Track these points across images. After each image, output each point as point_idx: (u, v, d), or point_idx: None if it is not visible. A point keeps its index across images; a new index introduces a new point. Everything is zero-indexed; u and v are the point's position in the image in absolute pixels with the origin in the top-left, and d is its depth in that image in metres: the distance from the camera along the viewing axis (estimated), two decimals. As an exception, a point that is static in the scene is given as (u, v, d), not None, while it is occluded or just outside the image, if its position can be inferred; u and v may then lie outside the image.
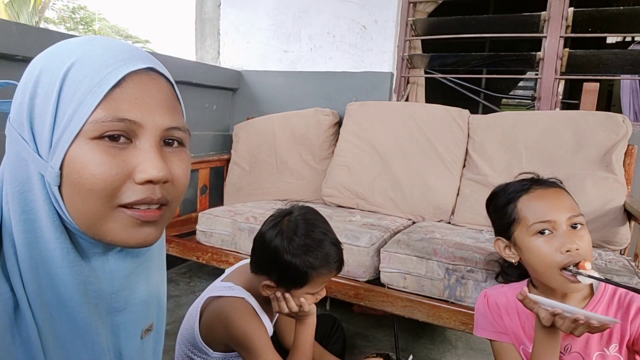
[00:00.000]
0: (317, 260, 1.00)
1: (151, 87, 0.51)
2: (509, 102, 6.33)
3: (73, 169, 0.47)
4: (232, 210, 1.88)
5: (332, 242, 1.04)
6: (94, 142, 0.47)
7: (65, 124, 0.47)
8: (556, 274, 0.91)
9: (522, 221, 0.97)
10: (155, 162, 0.49)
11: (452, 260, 1.43)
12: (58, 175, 0.47)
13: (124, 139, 0.48)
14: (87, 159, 0.46)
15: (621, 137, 1.70)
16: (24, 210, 0.48)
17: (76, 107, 0.47)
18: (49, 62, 0.49)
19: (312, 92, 2.56)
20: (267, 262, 1.03)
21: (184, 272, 2.48)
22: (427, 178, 1.97)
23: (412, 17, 2.39)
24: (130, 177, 0.48)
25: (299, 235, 1.01)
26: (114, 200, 0.48)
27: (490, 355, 1.07)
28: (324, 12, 2.52)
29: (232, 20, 2.82)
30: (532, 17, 2.15)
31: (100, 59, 0.48)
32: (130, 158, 0.48)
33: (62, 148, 0.47)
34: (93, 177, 0.46)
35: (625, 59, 2.14)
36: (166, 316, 0.73)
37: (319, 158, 2.29)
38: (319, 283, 1.04)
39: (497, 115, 2.04)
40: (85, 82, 0.47)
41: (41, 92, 0.48)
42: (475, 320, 1.09)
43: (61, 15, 13.27)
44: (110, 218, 0.49)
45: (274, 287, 1.04)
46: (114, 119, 0.47)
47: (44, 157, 0.48)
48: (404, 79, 2.46)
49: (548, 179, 1.02)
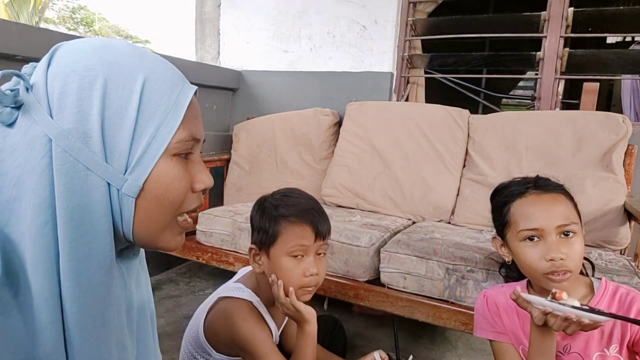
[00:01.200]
0: (286, 210, 1.04)
1: (197, 104, 0.56)
2: (509, 102, 6.33)
3: (160, 183, 0.51)
4: (232, 210, 1.88)
5: (300, 194, 1.10)
6: (175, 158, 0.52)
7: (148, 140, 0.49)
8: (541, 278, 0.93)
9: (513, 226, 0.98)
10: (208, 172, 0.57)
11: (452, 260, 1.43)
12: (140, 189, 0.50)
13: (188, 154, 0.54)
14: (172, 174, 0.51)
15: (621, 137, 1.70)
16: (80, 223, 0.47)
17: (158, 125, 0.50)
18: (114, 74, 0.49)
19: (312, 92, 2.56)
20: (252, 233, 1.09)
21: (184, 272, 2.48)
22: (427, 178, 1.97)
23: (412, 17, 2.39)
24: (190, 187, 0.55)
25: (273, 196, 1.10)
26: (180, 209, 0.54)
27: (491, 355, 1.07)
28: (324, 12, 2.52)
29: (232, 20, 2.82)
30: (532, 17, 2.15)
31: (167, 77, 0.52)
32: (189, 170, 0.54)
33: (147, 165, 0.49)
34: (177, 190, 0.52)
35: (626, 59, 2.14)
36: (165, 315, 0.73)
37: (319, 158, 2.29)
38: (294, 237, 1.01)
39: (497, 115, 2.04)
40: (164, 101, 0.50)
41: (112, 105, 0.48)
42: (475, 321, 1.09)
43: (61, 15, 13.27)
44: (169, 227, 0.55)
45: (257, 253, 1.08)
46: (190, 139, 0.53)
47: (118, 169, 0.49)
48: (404, 79, 2.46)
49: (549, 183, 1.01)
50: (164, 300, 2.09)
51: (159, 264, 2.39)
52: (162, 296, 2.14)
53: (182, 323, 1.78)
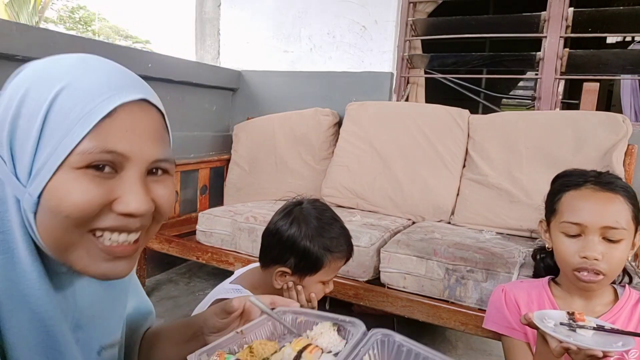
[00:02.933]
0: (331, 243, 1.05)
1: (142, 119, 0.49)
2: (509, 102, 6.33)
3: (53, 196, 0.45)
4: (232, 210, 1.88)
5: (342, 227, 1.12)
6: (79, 171, 0.46)
7: (50, 152, 0.45)
8: (570, 274, 0.92)
9: (558, 215, 0.97)
10: (139, 196, 0.48)
11: (452, 260, 1.43)
12: (35, 203, 0.46)
13: (109, 168, 0.47)
14: (70, 187, 0.45)
15: (621, 137, 1.70)
16: (1, 230, 0.47)
17: (62, 135, 0.45)
18: (37, 83, 0.47)
19: (312, 92, 2.56)
20: (282, 250, 1.05)
21: (184, 272, 2.48)
22: (427, 178, 1.97)
23: (412, 17, 2.39)
24: (109, 205, 0.48)
25: (313, 220, 1.06)
26: (87, 226, 0.48)
27: (491, 355, 1.06)
28: (324, 12, 2.52)
29: (232, 20, 2.82)
30: (532, 17, 2.15)
31: (92, 86, 0.47)
32: (113, 188, 0.48)
33: (43, 177, 0.45)
34: (73, 205, 0.45)
35: (626, 59, 2.14)
36: (164, 315, 0.72)
37: (319, 158, 2.29)
38: (332, 269, 1.08)
39: (497, 115, 2.04)
40: (75, 111, 0.45)
41: (25, 114, 0.46)
42: (487, 313, 1.08)
43: (61, 15, 13.27)
44: (80, 245, 0.48)
45: (288, 274, 1.05)
46: (101, 151, 0.46)
47: (22, 181, 0.46)
48: (404, 79, 2.46)
49: (613, 181, 0.96)
50: (164, 301, 2.09)
51: (158, 264, 2.39)
52: (161, 296, 2.14)
53: (182, 323, 1.77)
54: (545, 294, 1.01)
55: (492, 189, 1.84)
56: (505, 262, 1.38)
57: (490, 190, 1.85)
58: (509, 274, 1.35)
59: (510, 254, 1.42)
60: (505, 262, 1.38)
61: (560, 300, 1.00)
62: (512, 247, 1.51)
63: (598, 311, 0.96)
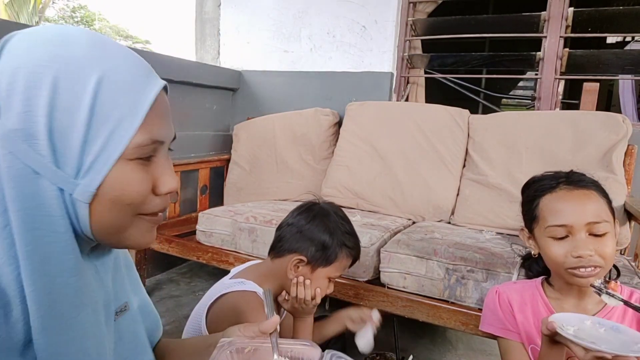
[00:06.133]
0: (347, 239, 1.14)
1: (165, 102, 0.53)
2: (509, 102, 6.34)
3: (115, 187, 0.48)
4: (232, 210, 1.89)
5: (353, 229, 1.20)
6: (133, 162, 0.49)
7: (102, 145, 0.47)
8: (564, 273, 0.93)
9: (541, 221, 0.97)
10: (173, 175, 0.54)
11: (452, 260, 1.43)
12: (92, 194, 0.47)
13: (150, 156, 0.52)
14: (129, 178, 0.49)
15: (621, 137, 1.70)
16: (34, 227, 0.46)
17: (113, 128, 0.47)
18: (64, 70, 0.45)
19: (312, 92, 2.56)
20: (302, 240, 1.13)
21: (185, 272, 2.48)
22: (427, 178, 1.97)
23: (412, 17, 2.39)
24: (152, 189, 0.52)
25: (333, 215, 1.16)
26: (139, 210, 0.52)
27: (491, 355, 1.07)
28: (324, 12, 2.52)
29: (232, 20, 2.82)
30: (532, 17, 2.15)
31: (127, 73, 0.49)
32: (152, 171, 0.52)
33: (101, 169, 0.47)
34: (135, 193, 0.50)
35: (625, 59, 2.14)
36: (165, 315, 0.73)
37: (319, 158, 2.29)
38: (342, 266, 1.15)
39: (497, 115, 2.04)
40: (121, 102, 0.47)
41: (62, 105, 0.45)
42: (482, 315, 1.09)
43: (61, 15, 13.27)
44: (132, 226, 0.52)
45: (303, 264, 1.12)
46: (151, 142, 0.50)
47: (68, 173, 0.46)
48: (404, 79, 2.46)
49: (583, 178, 0.98)
50: (165, 300, 2.09)
51: (159, 264, 2.39)
52: (162, 296, 2.14)
53: (183, 323, 1.77)
54: (538, 295, 1.02)
55: (492, 189, 1.84)
56: (505, 262, 1.38)
57: (490, 190, 1.85)
58: (509, 274, 1.35)
59: (510, 254, 1.42)
60: (505, 262, 1.38)
61: (554, 300, 1.00)
62: (512, 247, 1.51)
63: (590, 309, 0.96)
